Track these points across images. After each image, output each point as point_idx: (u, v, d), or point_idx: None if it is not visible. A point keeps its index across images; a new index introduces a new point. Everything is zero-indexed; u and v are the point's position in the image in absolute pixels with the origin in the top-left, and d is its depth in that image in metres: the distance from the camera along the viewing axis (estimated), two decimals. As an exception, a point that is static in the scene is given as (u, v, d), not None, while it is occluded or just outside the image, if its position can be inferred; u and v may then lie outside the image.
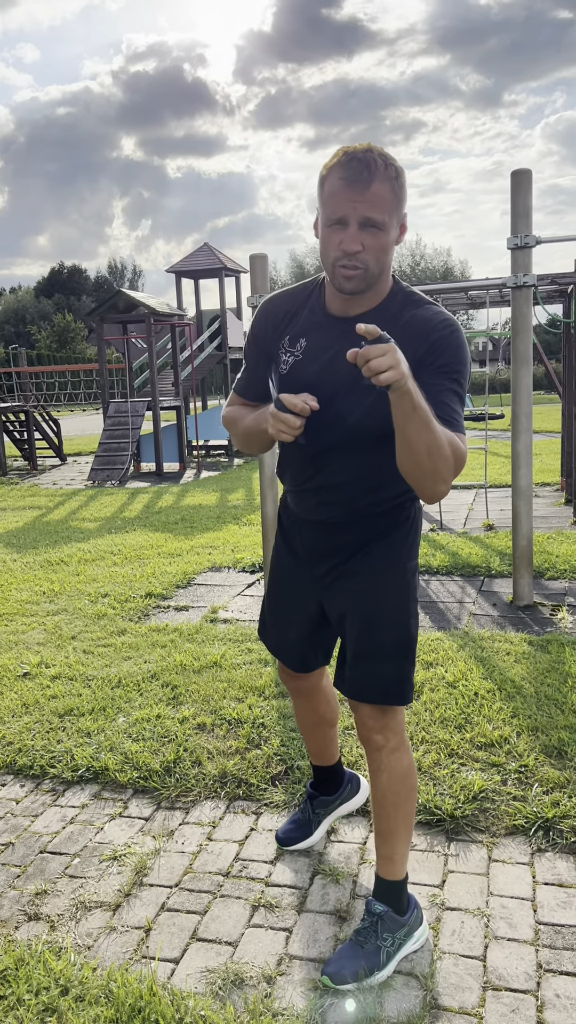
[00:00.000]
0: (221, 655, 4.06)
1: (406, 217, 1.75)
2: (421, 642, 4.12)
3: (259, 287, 5.14)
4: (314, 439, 1.82)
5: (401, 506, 1.95)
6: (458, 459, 1.66)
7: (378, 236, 1.68)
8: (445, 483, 1.67)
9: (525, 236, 4.59)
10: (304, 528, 2.05)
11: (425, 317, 1.76)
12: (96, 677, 3.89)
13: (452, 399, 1.70)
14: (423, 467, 1.62)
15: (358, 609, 1.97)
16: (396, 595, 1.96)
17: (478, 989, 1.92)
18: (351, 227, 1.67)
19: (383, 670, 1.96)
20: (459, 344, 1.75)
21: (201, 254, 17.61)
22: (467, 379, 1.76)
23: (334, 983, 1.91)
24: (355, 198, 1.64)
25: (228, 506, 9.28)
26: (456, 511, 8.25)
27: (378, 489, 1.89)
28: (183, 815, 2.74)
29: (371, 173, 1.64)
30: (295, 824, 2.54)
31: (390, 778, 1.99)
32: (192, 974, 2.01)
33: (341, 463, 1.86)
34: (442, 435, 1.61)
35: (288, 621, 2.20)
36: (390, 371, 1.45)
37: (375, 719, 1.98)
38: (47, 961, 2.05)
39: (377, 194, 1.65)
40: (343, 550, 1.98)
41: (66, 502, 10.56)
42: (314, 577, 2.06)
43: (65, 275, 77.59)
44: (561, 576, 5.41)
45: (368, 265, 1.70)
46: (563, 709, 3.26)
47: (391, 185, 1.67)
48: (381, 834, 2.05)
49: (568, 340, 8.10)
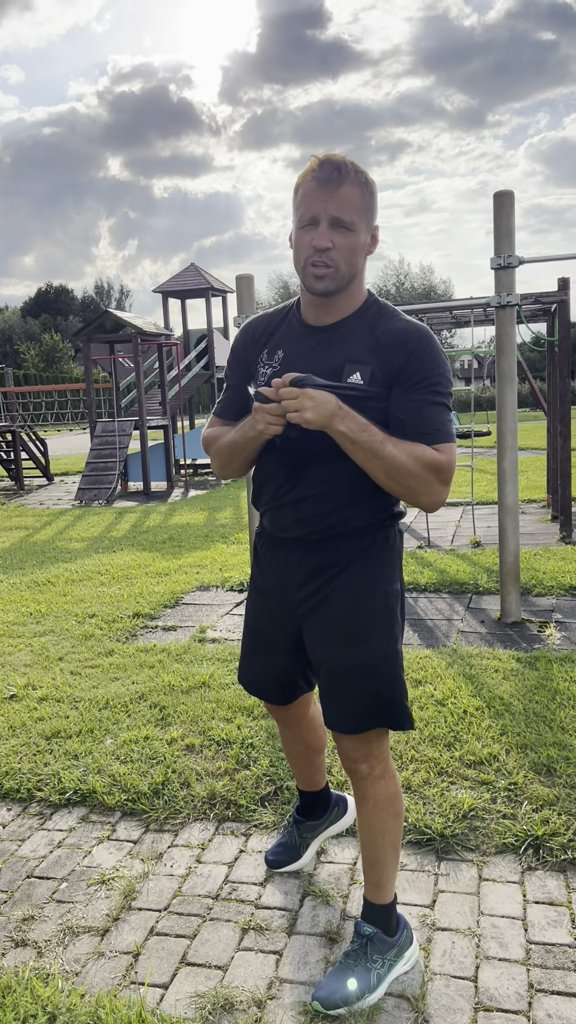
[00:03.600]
0: (209, 675, 4.05)
1: (377, 229, 1.81)
2: (410, 659, 4.12)
3: (245, 307, 5.18)
4: (294, 445, 1.83)
5: (380, 524, 1.91)
6: (436, 469, 1.70)
7: (348, 236, 1.73)
8: (427, 495, 1.71)
9: (508, 256, 4.65)
10: (281, 550, 1.99)
11: (399, 329, 1.79)
12: (83, 699, 3.87)
13: (431, 410, 1.74)
14: (391, 487, 1.71)
15: (342, 638, 1.89)
16: (380, 621, 1.90)
17: (469, 1010, 1.91)
18: (322, 225, 1.72)
19: (370, 702, 1.89)
20: (433, 353, 1.77)
21: (188, 274, 17.71)
22: (448, 384, 1.78)
23: (325, 1008, 1.89)
24: (325, 198, 1.70)
25: (216, 525, 9.27)
26: (443, 528, 8.28)
27: (355, 503, 1.86)
28: (172, 837, 2.72)
29: (341, 175, 1.71)
30: (283, 847, 2.51)
31: (375, 806, 1.96)
32: (181, 999, 1.99)
33: (319, 474, 1.85)
34: (402, 455, 1.67)
35: (269, 652, 2.11)
36: (295, 414, 1.64)
37: (358, 749, 1.93)
38: (34, 988, 2.02)
39: (347, 195, 1.71)
40: (322, 572, 1.92)
41: (53, 522, 10.53)
42: (294, 603, 1.99)
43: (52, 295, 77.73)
44: (548, 592, 5.43)
45: (338, 264, 1.74)
46: (552, 726, 3.26)
47: (360, 189, 1.73)
48: (368, 861, 2.03)
49: (552, 358, 8.18)
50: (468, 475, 11.63)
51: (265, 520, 2.03)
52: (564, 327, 7.57)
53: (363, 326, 1.81)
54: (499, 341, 4.82)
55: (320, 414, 1.62)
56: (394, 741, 3.19)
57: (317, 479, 1.85)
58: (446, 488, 1.73)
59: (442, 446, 1.72)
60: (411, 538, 7.85)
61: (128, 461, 14.28)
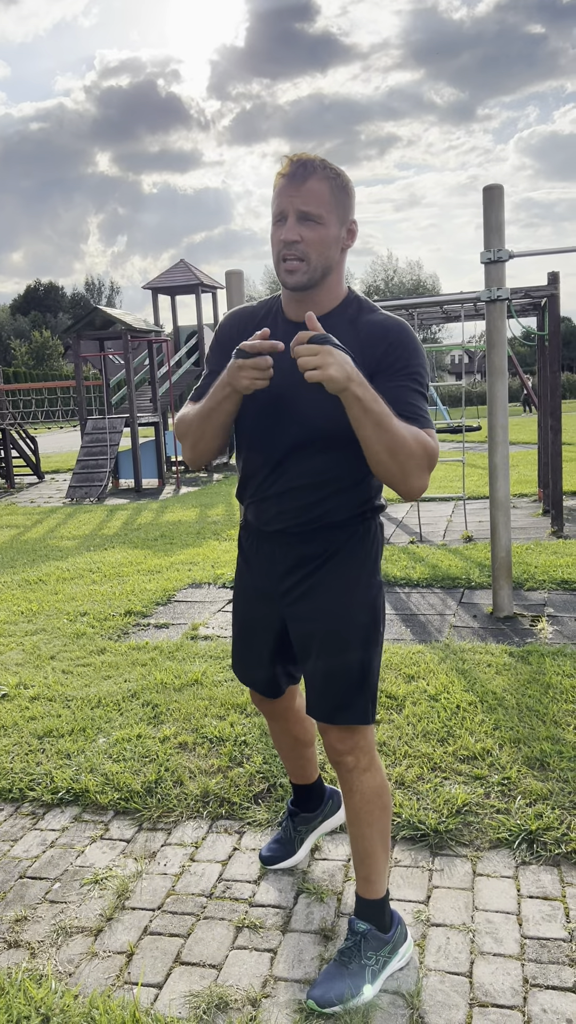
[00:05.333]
0: (202, 672, 4.04)
1: (355, 223, 1.83)
2: (403, 655, 4.12)
3: (236, 303, 5.16)
4: (276, 441, 1.85)
5: (361, 517, 1.93)
6: (428, 453, 1.71)
7: (316, 229, 1.75)
8: (417, 479, 1.71)
9: (498, 251, 4.64)
10: (265, 543, 2.02)
11: (378, 322, 1.82)
12: (75, 697, 3.85)
13: (415, 397, 1.76)
14: (387, 465, 1.68)
15: (323, 629, 1.94)
16: (360, 613, 1.93)
17: (464, 1006, 1.91)
18: (290, 219, 1.75)
19: (352, 692, 1.92)
20: (412, 343, 1.81)
21: (177, 270, 17.65)
22: (426, 375, 1.82)
23: (320, 1006, 1.89)
24: (292, 193, 1.74)
25: (208, 522, 9.25)
26: (435, 523, 8.28)
27: (338, 494, 1.88)
28: (165, 836, 2.71)
29: (307, 171, 1.74)
30: (278, 843, 2.51)
31: (362, 799, 1.97)
32: (176, 999, 1.98)
33: (302, 466, 1.86)
34: (405, 433, 1.66)
35: (253, 644, 2.15)
36: (316, 371, 1.56)
37: (343, 741, 1.95)
38: (27, 989, 2.01)
39: (312, 189, 1.74)
40: (304, 564, 1.95)
41: (44, 520, 10.49)
42: (277, 595, 2.02)
43: (41, 292, 77.43)
44: (540, 587, 5.43)
45: (309, 257, 1.76)
46: (544, 720, 3.26)
47: (329, 184, 1.76)
48: (358, 855, 2.03)
49: (542, 353, 8.18)
50: (459, 470, 11.64)
51: (249, 513, 2.04)
52: (554, 321, 7.58)
53: (345, 321, 1.83)
54: (489, 336, 4.81)
55: (342, 373, 1.57)
56: (387, 736, 3.19)
57: (301, 471, 1.86)
58: (429, 474, 1.75)
59: (430, 431, 1.75)
60: (403, 533, 7.85)
61: (119, 458, 14.24)
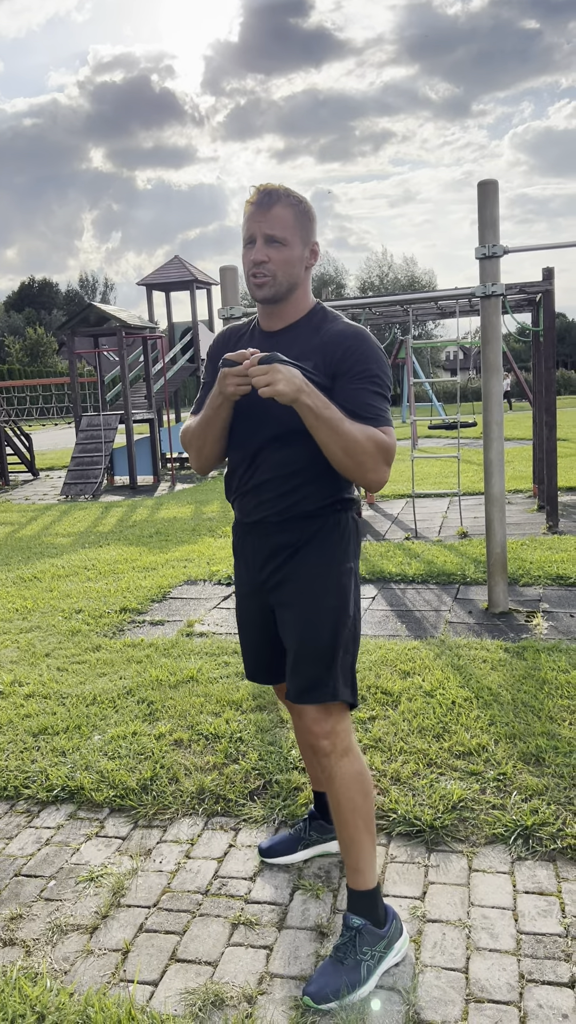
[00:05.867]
0: (197, 669, 4.03)
1: (317, 245, 2.03)
2: (398, 651, 4.12)
3: (230, 299, 5.14)
4: (252, 438, 2.04)
5: (332, 509, 2.07)
6: (383, 450, 1.88)
7: (281, 250, 1.95)
8: (375, 472, 1.88)
9: (493, 246, 4.64)
10: (248, 535, 2.17)
11: (338, 330, 1.99)
12: (71, 695, 3.84)
13: (372, 398, 1.92)
14: (344, 463, 1.87)
15: (296, 612, 2.06)
16: (333, 597, 2.05)
17: (461, 1002, 1.91)
18: (258, 242, 1.95)
19: (325, 671, 2.01)
20: (368, 349, 1.96)
21: (172, 266, 17.59)
22: (386, 378, 1.96)
23: (316, 1003, 1.89)
24: (260, 219, 1.94)
25: (203, 518, 9.24)
26: (430, 519, 8.28)
27: (308, 483, 2.02)
28: (160, 833, 2.71)
29: (272, 199, 1.94)
30: (285, 839, 2.53)
31: (342, 784, 2.02)
32: (171, 996, 1.98)
33: (274, 458, 2.03)
34: (358, 433, 1.84)
35: (251, 632, 2.27)
36: (267, 388, 1.77)
37: (319, 723, 2.01)
38: (22, 988, 2.00)
39: (278, 215, 1.93)
40: (279, 553, 2.09)
41: (39, 517, 10.46)
42: (260, 583, 2.15)
43: (35, 289, 77.19)
44: (535, 582, 5.44)
45: (275, 274, 1.96)
46: (540, 716, 3.26)
47: (292, 210, 1.95)
48: (344, 844, 2.05)
49: (537, 348, 8.18)
50: (455, 466, 11.64)
51: (235, 509, 2.21)
52: (549, 317, 7.57)
53: (310, 329, 2.02)
54: (484, 331, 4.81)
55: (291, 387, 1.77)
56: (383, 733, 3.19)
57: (273, 463, 2.03)
58: (389, 468, 1.91)
59: (385, 428, 1.90)
60: (398, 529, 7.85)
61: (114, 455, 14.21)
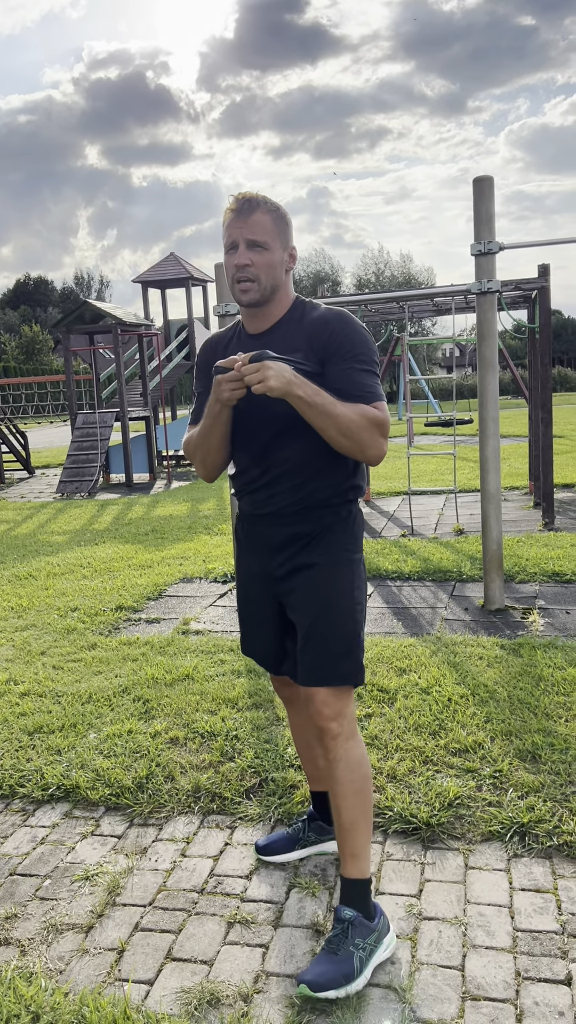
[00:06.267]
0: (193, 667, 4.02)
1: (295, 250, 2.10)
2: (394, 648, 4.12)
3: (225, 296, 5.13)
4: (257, 438, 2.10)
5: (343, 500, 2.14)
6: (378, 424, 1.94)
7: (263, 254, 2.01)
8: (373, 448, 1.95)
9: (488, 243, 4.63)
10: (258, 525, 2.21)
11: (319, 315, 2.07)
12: (66, 693, 3.83)
13: (361, 376, 1.99)
14: (343, 444, 1.94)
15: (310, 598, 2.12)
16: (344, 583, 2.12)
17: (457, 1000, 1.90)
18: (241, 247, 2.01)
19: (337, 653, 2.08)
20: (351, 329, 2.02)
21: (168, 264, 17.55)
22: (372, 353, 2.03)
23: (312, 991, 1.89)
24: (241, 225, 2.01)
25: (199, 516, 9.23)
26: (427, 516, 8.28)
27: (321, 474, 2.09)
28: (156, 832, 2.70)
29: (252, 206, 2.01)
30: (282, 838, 2.52)
31: (347, 767, 2.06)
32: (167, 995, 1.97)
33: (282, 454, 2.09)
34: (351, 413, 1.91)
35: (258, 622, 2.31)
36: (259, 384, 1.83)
37: (330, 705, 2.06)
38: (17, 988, 1.99)
39: (258, 221, 2.00)
40: (293, 543, 2.14)
41: (34, 515, 10.44)
42: (269, 572, 2.20)
43: (31, 286, 77.05)
44: (531, 579, 5.44)
45: (259, 278, 2.02)
46: (536, 713, 3.26)
47: (271, 216, 2.02)
48: (343, 829, 2.07)
49: (533, 345, 8.18)
50: (451, 463, 11.64)
51: (243, 503, 2.25)
52: (544, 314, 7.57)
53: (293, 323, 2.09)
54: (480, 328, 4.80)
55: (281, 381, 1.83)
56: (379, 730, 3.19)
57: (283, 459, 2.09)
58: (386, 440, 1.98)
59: (377, 404, 1.96)
60: (394, 526, 7.84)
61: (110, 453, 14.18)
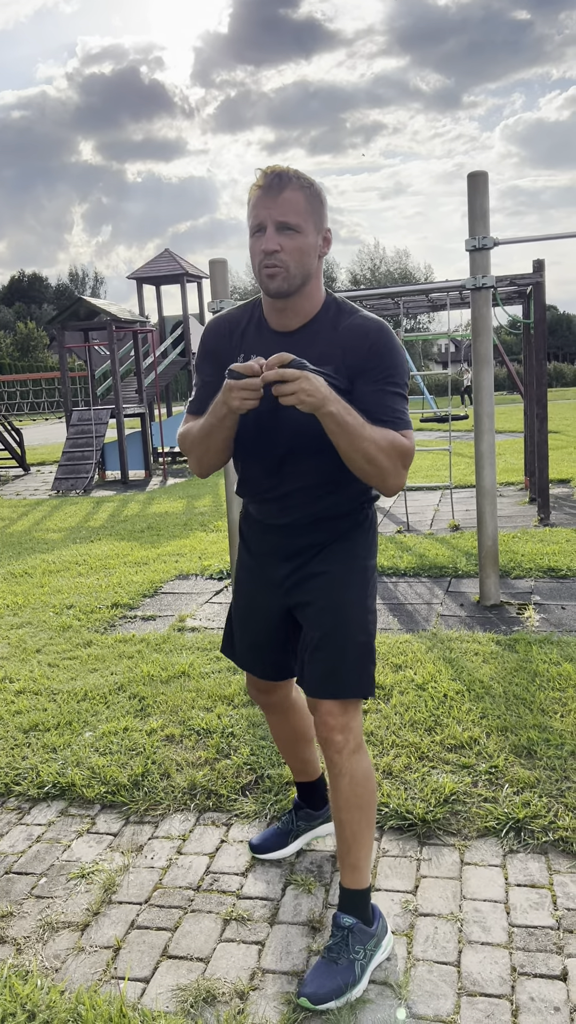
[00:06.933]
0: (189, 664, 4.02)
1: (329, 232, 1.90)
2: (390, 644, 4.12)
3: (220, 292, 5.11)
4: (273, 449, 1.94)
5: (360, 508, 2.05)
6: (403, 455, 1.82)
7: (295, 238, 1.81)
8: (394, 478, 1.82)
9: (483, 238, 4.62)
10: (268, 533, 2.11)
11: (358, 324, 1.89)
12: (61, 691, 3.83)
13: (393, 400, 1.85)
14: (365, 470, 1.80)
15: (321, 606, 2.02)
16: (357, 591, 2.02)
17: (453, 996, 1.90)
18: (269, 230, 1.81)
19: (346, 664, 1.99)
20: (392, 346, 1.88)
21: (162, 260, 17.52)
22: (405, 375, 1.89)
23: (314, 1004, 1.87)
24: (270, 205, 1.80)
25: (195, 513, 9.22)
26: (422, 512, 8.28)
27: (338, 490, 1.98)
28: (152, 829, 2.70)
29: (283, 182, 1.80)
30: (273, 833, 2.52)
31: (352, 781, 1.98)
32: (163, 993, 1.97)
33: (299, 468, 1.96)
34: (379, 439, 1.77)
35: (256, 628, 2.22)
36: (294, 396, 1.68)
37: (335, 716, 1.97)
38: (13, 986, 1.99)
39: (289, 200, 1.79)
40: (306, 551, 2.05)
41: (30, 512, 10.42)
42: (277, 580, 2.11)
43: (25, 283, 76.86)
44: (527, 575, 5.44)
45: (288, 265, 1.82)
46: (531, 708, 3.26)
47: (304, 193, 1.82)
48: (345, 841, 2.02)
49: (528, 341, 8.17)
50: (446, 459, 11.64)
51: (251, 509, 2.14)
52: (539, 309, 7.56)
53: (327, 326, 1.91)
54: (475, 324, 4.79)
55: (318, 397, 1.69)
56: (375, 726, 3.19)
57: (299, 473, 1.96)
58: (407, 472, 1.86)
59: (406, 432, 1.84)
60: (390, 523, 7.84)
61: (105, 450, 14.16)
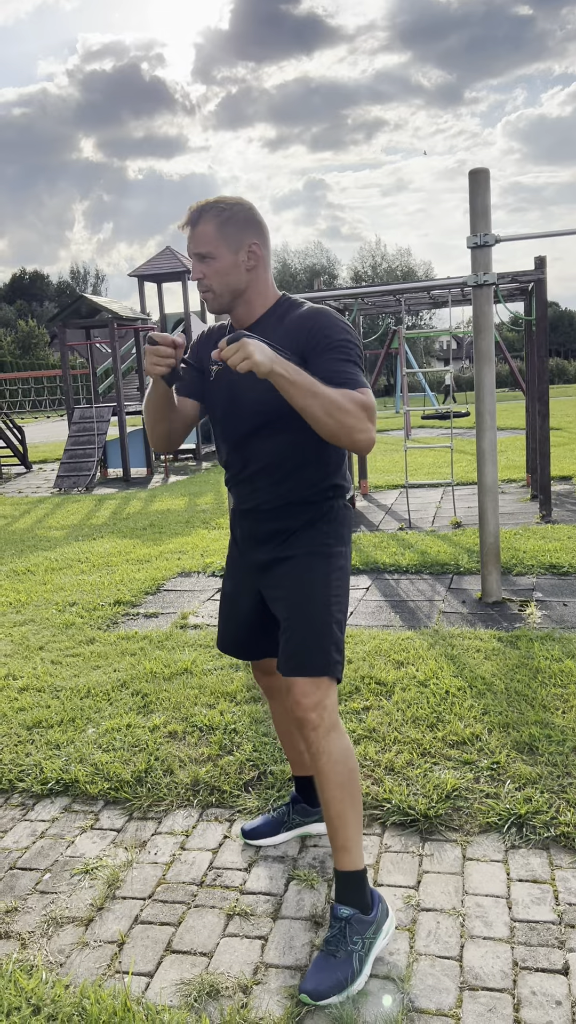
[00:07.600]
0: (191, 661, 4.03)
1: (254, 244, 2.04)
2: (392, 641, 4.13)
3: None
4: (237, 431, 2.13)
5: (324, 497, 2.16)
6: (364, 407, 1.89)
7: (211, 264, 2.03)
8: (361, 432, 1.88)
9: (484, 235, 4.62)
10: (243, 519, 2.25)
11: (299, 314, 2.06)
12: (65, 688, 3.84)
13: (343, 365, 1.95)
14: (329, 425, 1.85)
15: (287, 588, 2.14)
16: (321, 574, 2.12)
17: (455, 990, 1.91)
18: (193, 262, 2.05)
19: (310, 643, 2.07)
20: (329, 322, 2.01)
21: (164, 257, 17.50)
22: (354, 347, 1.99)
23: (314, 1000, 1.88)
24: (189, 240, 2.04)
25: (197, 510, 9.23)
26: (424, 509, 8.29)
27: (300, 471, 2.11)
28: (155, 825, 2.71)
29: (195, 218, 2.02)
30: (266, 821, 2.57)
31: (330, 759, 2.03)
32: (167, 987, 1.98)
33: (261, 449, 2.11)
34: (336, 394, 1.86)
35: (239, 611, 2.35)
36: (244, 361, 1.75)
37: (308, 695, 2.03)
38: (18, 980, 2.00)
39: (201, 233, 2.02)
40: (275, 537, 2.17)
41: (32, 510, 10.44)
42: (253, 565, 2.24)
43: (27, 281, 76.83)
44: (528, 571, 5.45)
45: (212, 287, 2.05)
46: (533, 705, 3.27)
47: (215, 223, 2.01)
48: (332, 822, 2.05)
49: (530, 338, 8.17)
50: (448, 456, 11.65)
51: (232, 496, 2.28)
52: (541, 306, 7.56)
53: (275, 319, 2.10)
54: (476, 321, 4.80)
55: (264, 355, 1.77)
56: (377, 723, 3.20)
57: (261, 453, 2.12)
58: (374, 426, 1.91)
59: (363, 390, 1.92)
60: (392, 520, 7.85)
61: (107, 447, 14.17)
